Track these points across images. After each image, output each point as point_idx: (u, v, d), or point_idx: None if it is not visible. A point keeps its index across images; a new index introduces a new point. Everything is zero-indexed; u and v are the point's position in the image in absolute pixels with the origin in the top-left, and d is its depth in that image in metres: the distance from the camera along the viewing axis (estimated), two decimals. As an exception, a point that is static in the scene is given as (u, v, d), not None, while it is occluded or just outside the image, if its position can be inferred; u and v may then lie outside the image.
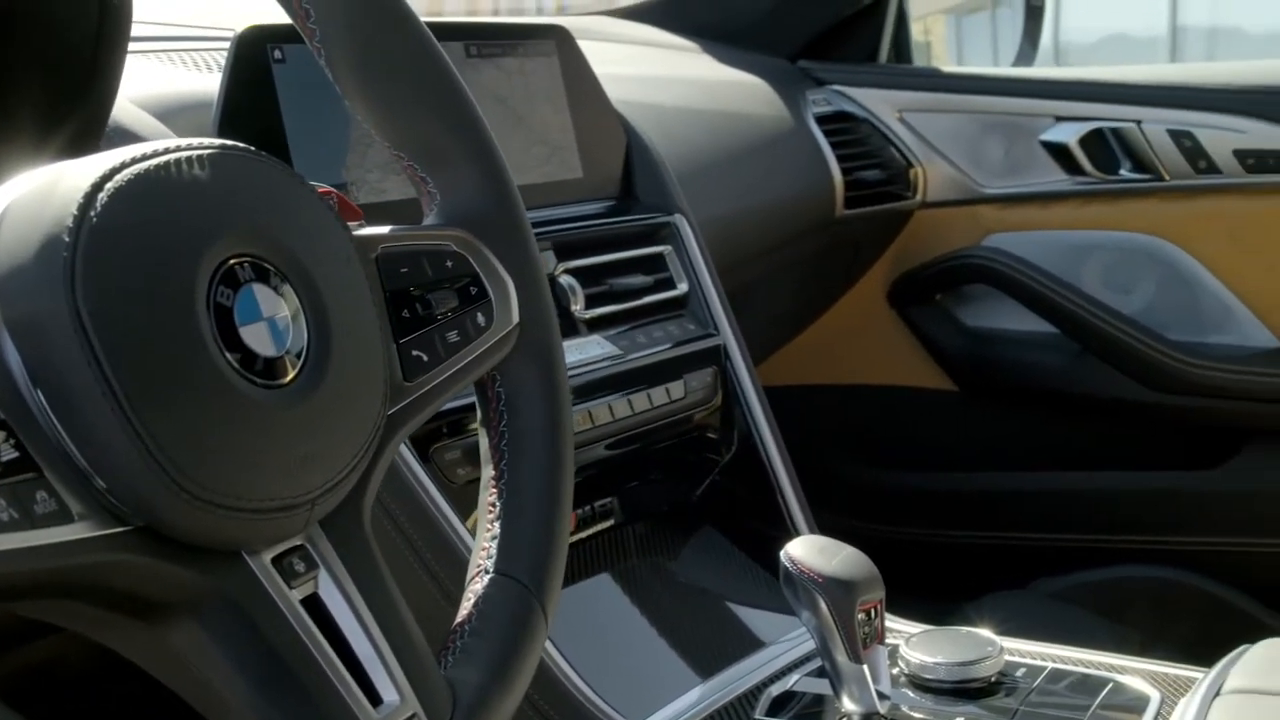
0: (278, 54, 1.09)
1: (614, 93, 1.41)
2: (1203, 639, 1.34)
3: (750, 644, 1.24)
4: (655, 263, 1.35)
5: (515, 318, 0.80)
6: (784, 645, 1.23)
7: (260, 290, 0.64)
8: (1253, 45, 10.73)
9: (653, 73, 1.73)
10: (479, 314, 0.78)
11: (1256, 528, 1.92)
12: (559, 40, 1.36)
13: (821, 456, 1.92)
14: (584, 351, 1.22)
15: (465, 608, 0.76)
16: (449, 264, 0.77)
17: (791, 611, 1.10)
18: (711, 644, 1.23)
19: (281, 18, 0.77)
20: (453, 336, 0.76)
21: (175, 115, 1.03)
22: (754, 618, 1.28)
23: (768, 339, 1.93)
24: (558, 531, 0.79)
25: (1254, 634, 1.15)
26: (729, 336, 1.36)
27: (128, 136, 0.95)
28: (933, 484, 2.08)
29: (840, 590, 1.03)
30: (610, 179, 1.39)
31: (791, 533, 1.32)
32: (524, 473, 0.80)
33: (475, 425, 1.08)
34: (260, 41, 1.08)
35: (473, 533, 1.03)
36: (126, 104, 0.98)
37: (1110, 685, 1.12)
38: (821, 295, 2.06)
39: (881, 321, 2.10)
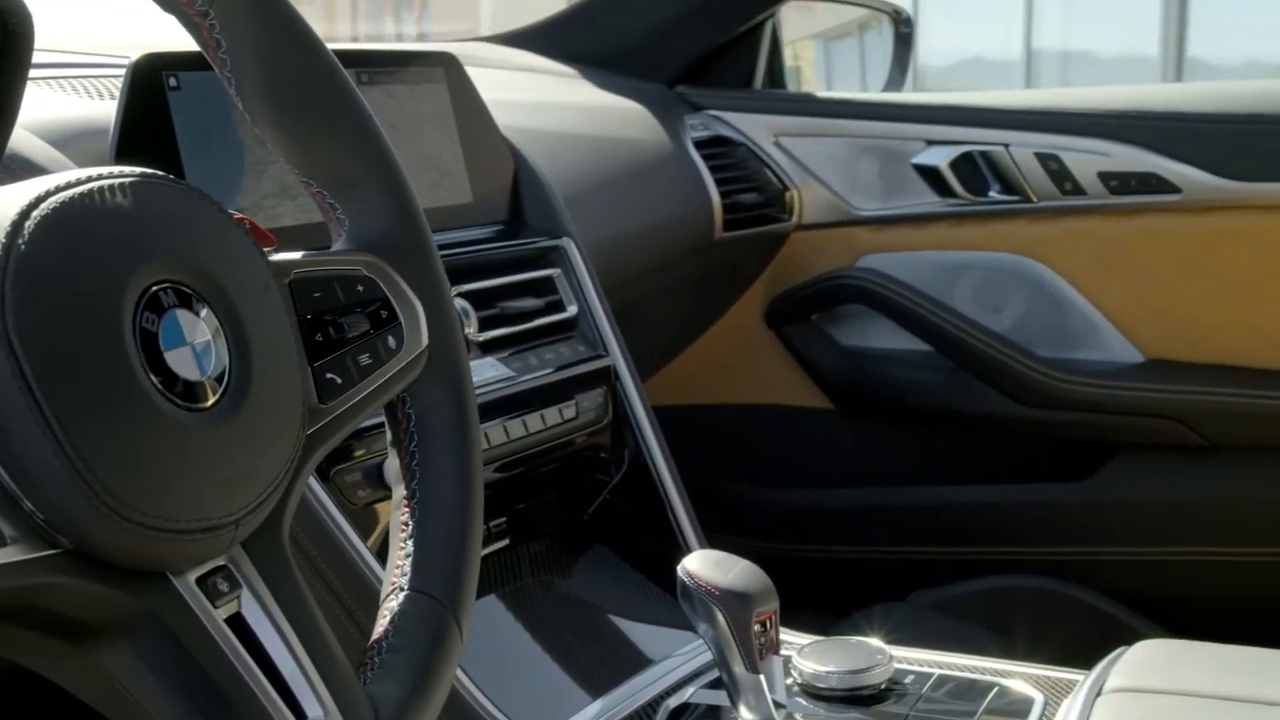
0: (173, 81, 1.10)
1: (499, 118, 1.43)
2: (1076, 645, 1.38)
3: (647, 658, 1.26)
4: (545, 286, 1.38)
5: (425, 340, 0.81)
6: (680, 658, 1.25)
7: (184, 316, 0.66)
8: (1103, 67, 11.06)
9: (535, 99, 1.76)
10: (390, 337, 0.80)
11: (1124, 536, 1.99)
12: (448, 67, 1.38)
13: (706, 475, 1.95)
14: (478, 374, 1.24)
15: (381, 624, 0.77)
16: (360, 288, 0.79)
17: (685, 626, 1.13)
18: (609, 659, 1.25)
19: (175, 45, 0.79)
20: (365, 359, 0.78)
21: (71, 143, 1.03)
22: (649, 633, 1.30)
23: (650, 360, 1.95)
24: (470, 548, 0.81)
25: (1125, 638, 1.20)
26: (618, 357, 1.39)
27: (25, 164, 0.95)
28: (813, 501, 2.12)
29: (737, 602, 1.06)
30: (499, 204, 1.41)
31: (683, 550, 1.34)
32: (436, 491, 0.81)
33: (364, 450, 1.11)
34: (155, 69, 1.09)
35: (375, 553, 1.05)
36: (22, 131, 0.98)
37: (995, 689, 1.16)
38: (701, 316, 2.09)
39: (759, 341, 2.13)
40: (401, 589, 0.78)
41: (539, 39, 2.08)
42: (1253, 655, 1.13)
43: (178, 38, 0.80)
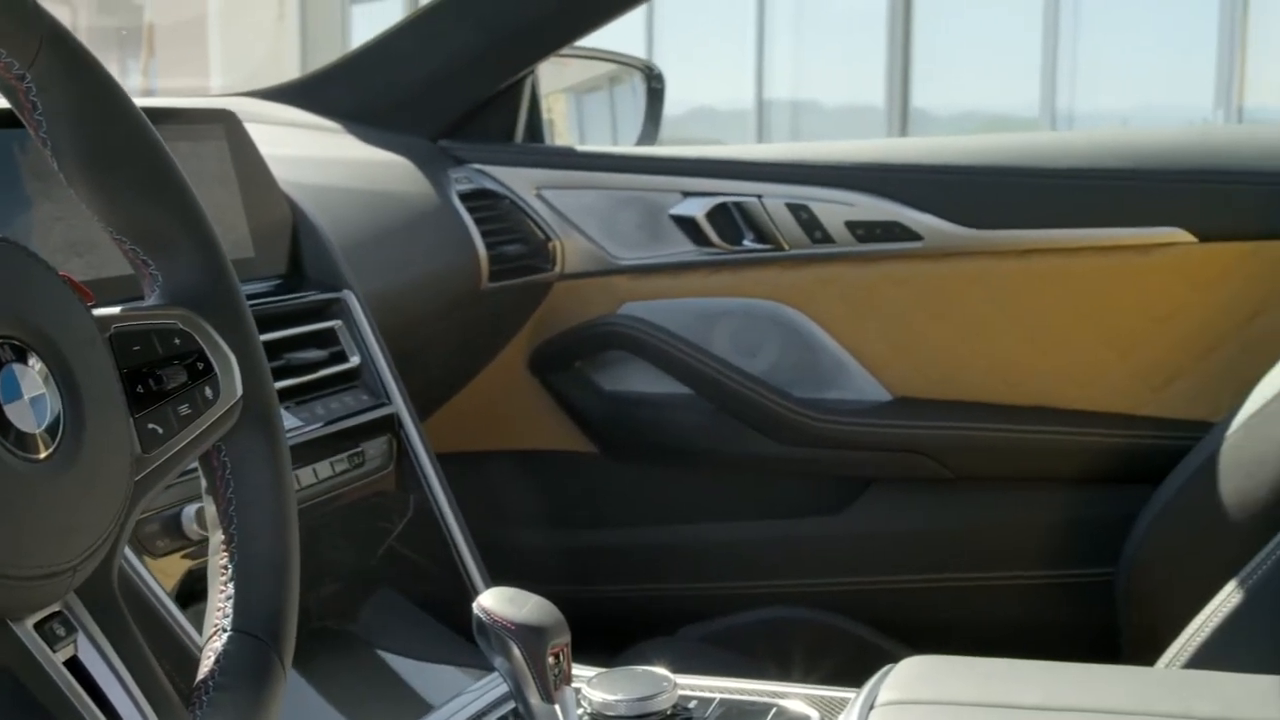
0: (-40, 140, 1.11)
1: (274, 173, 1.46)
2: (842, 670, 1.46)
3: (441, 695, 1.29)
4: (328, 337, 1.41)
5: (239, 390, 0.85)
6: (473, 694, 1.29)
7: (20, 370, 0.68)
8: (830, 116, 11.45)
9: (305, 153, 1.78)
10: (207, 388, 0.83)
11: (881, 566, 2.08)
12: (227, 124, 1.40)
13: (477, 521, 1.99)
14: (267, 425, 1.26)
15: (206, 665, 0.80)
16: (177, 341, 0.82)
17: (477, 665, 1.17)
18: (403, 699, 1.28)
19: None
20: (184, 410, 0.81)
21: None
22: (442, 672, 1.34)
23: (419, 409, 1.98)
24: (290, 588, 0.85)
25: (888, 661, 1.28)
26: (400, 406, 1.43)
27: None
28: (583, 543, 2.17)
29: (532, 636, 1.11)
30: (279, 257, 1.44)
31: (470, 592, 1.38)
32: (253, 535, 0.85)
33: (163, 501, 1.12)
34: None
35: (176, 599, 1.07)
36: None
37: (774, 710, 1.23)
38: (468, 366, 2.13)
39: (525, 389, 2.18)
40: (225, 630, 0.81)
41: (301, 94, 2.10)
42: (1008, 666, 1.22)
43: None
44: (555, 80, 2.55)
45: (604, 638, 1.89)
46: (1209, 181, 1.96)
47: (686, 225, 2.08)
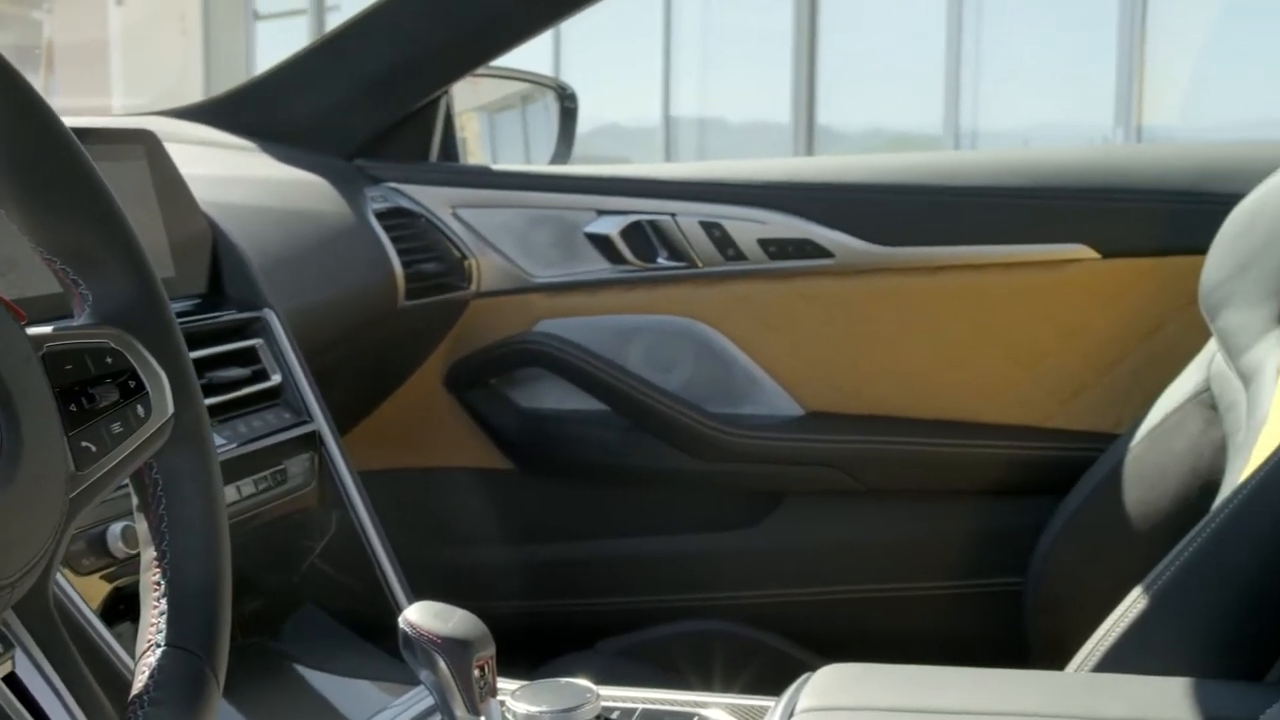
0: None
1: (193, 192, 1.46)
2: (759, 682, 1.48)
3: (367, 709, 1.31)
4: (249, 355, 1.42)
5: (170, 408, 0.85)
6: (399, 708, 1.30)
7: (-39, 389, 0.69)
8: (736, 134, 11.54)
9: (222, 173, 1.78)
10: (139, 406, 0.84)
11: (796, 578, 2.10)
12: (147, 144, 1.41)
13: (399, 538, 2.00)
14: (190, 443, 1.27)
15: (141, 679, 0.81)
16: (109, 360, 0.83)
17: (401, 679, 1.18)
18: (329, 714, 1.29)
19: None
20: (117, 428, 0.82)
21: None
22: (367, 687, 1.35)
23: (336, 426, 1.99)
24: (222, 603, 0.86)
25: (802, 673, 1.30)
26: (322, 423, 1.44)
27: None
28: (501, 559, 2.18)
29: (458, 649, 1.12)
30: (199, 277, 1.44)
31: (393, 607, 1.39)
32: (185, 551, 0.85)
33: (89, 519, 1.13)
34: None
35: (102, 617, 1.08)
36: None
37: (695, 718, 1.25)
38: (385, 383, 2.13)
39: (441, 406, 2.19)
40: (159, 645, 0.82)
41: (216, 114, 2.09)
42: (924, 672, 1.25)
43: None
44: (468, 99, 2.57)
45: (524, 653, 1.90)
46: (1111, 200, 2.01)
47: (601, 243, 2.10)
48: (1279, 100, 7.19)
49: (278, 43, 14.45)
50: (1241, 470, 1.41)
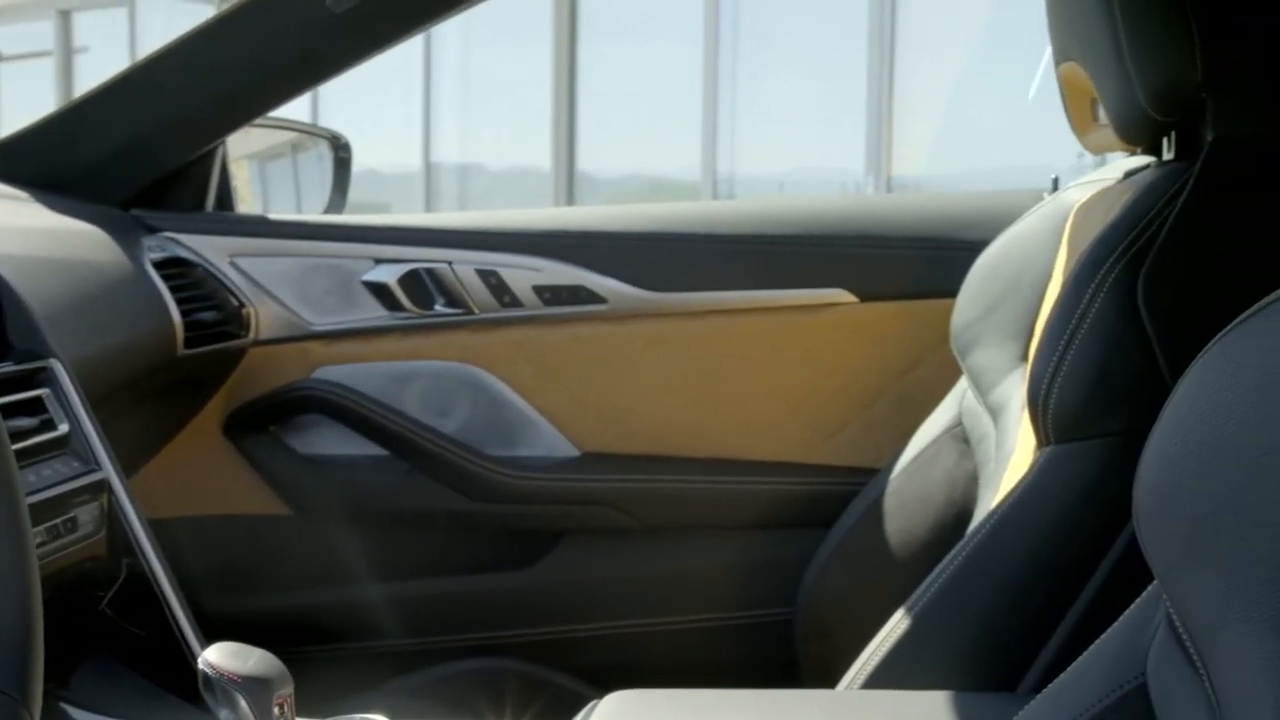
0: None
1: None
2: (545, 716, 1.53)
3: (164, 753, 1.32)
4: (36, 405, 1.42)
5: None
6: (196, 751, 1.32)
7: None
8: (496, 179, 11.62)
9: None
10: None
11: (577, 615, 2.16)
12: (-70, 195, 1.41)
13: (185, 585, 2.00)
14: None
15: None
16: None
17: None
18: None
19: None
20: None
21: None
22: (163, 731, 1.36)
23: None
24: (35, 645, 0.88)
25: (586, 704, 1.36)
26: (110, 471, 1.45)
27: None
28: (284, 604, 2.19)
29: (258, 688, 1.15)
30: (-17, 327, 1.44)
31: (187, 653, 1.41)
32: None
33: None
34: None
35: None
36: None
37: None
38: (164, 431, 2.13)
39: (220, 454, 2.19)
40: (-25, 688, 0.84)
41: None
42: (703, 695, 1.32)
43: None
44: (238, 147, 2.58)
45: (314, 694, 1.92)
46: (868, 246, 2.12)
47: (379, 291, 2.14)
48: (1016, 148, 7.53)
49: (20, 86, 14.08)
50: (992, 498, 1.51)
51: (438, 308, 2.14)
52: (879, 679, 1.40)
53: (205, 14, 2.30)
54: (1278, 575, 0.66)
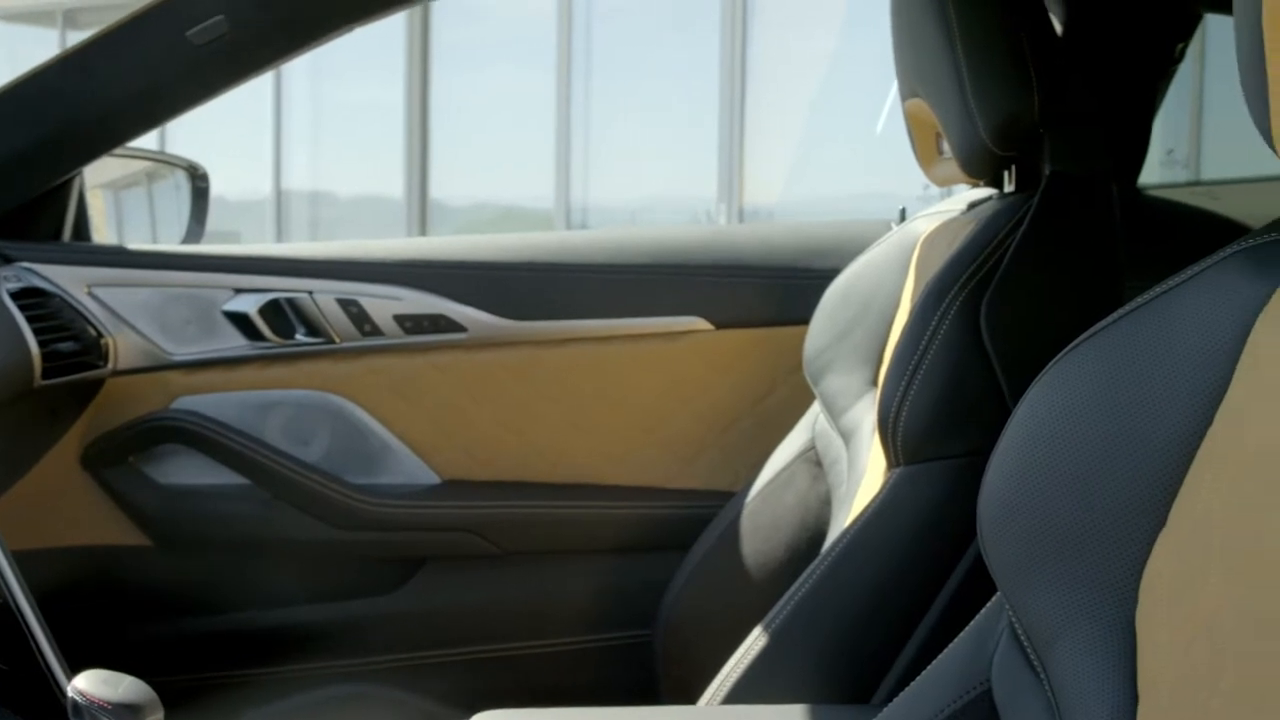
0: None
1: None
2: None
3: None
4: (-103, 437, 1.42)
5: None
6: (66, 779, 1.32)
7: None
8: (347, 206, 11.59)
9: None
10: None
11: (441, 640, 2.17)
12: None
13: (45, 618, 1.99)
14: None
15: None
16: None
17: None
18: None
19: None
20: None
21: None
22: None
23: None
24: None
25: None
26: (-27, 503, 1.45)
27: None
28: (146, 634, 2.18)
29: (129, 714, 1.17)
30: None
31: (54, 683, 1.41)
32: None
33: None
34: None
35: None
36: None
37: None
38: (21, 462, 2.12)
39: (77, 485, 2.18)
40: None
41: None
42: (567, 713, 1.35)
43: None
44: (94, 176, 2.57)
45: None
46: (722, 275, 2.18)
47: (239, 321, 2.15)
48: (865, 178, 7.69)
49: None
50: (845, 519, 1.57)
51: (299, 337, 2.15)
52: (738, 695, 1.44)
53: (49, 38, 2.29)
54: (1108, 585, 0.71)
